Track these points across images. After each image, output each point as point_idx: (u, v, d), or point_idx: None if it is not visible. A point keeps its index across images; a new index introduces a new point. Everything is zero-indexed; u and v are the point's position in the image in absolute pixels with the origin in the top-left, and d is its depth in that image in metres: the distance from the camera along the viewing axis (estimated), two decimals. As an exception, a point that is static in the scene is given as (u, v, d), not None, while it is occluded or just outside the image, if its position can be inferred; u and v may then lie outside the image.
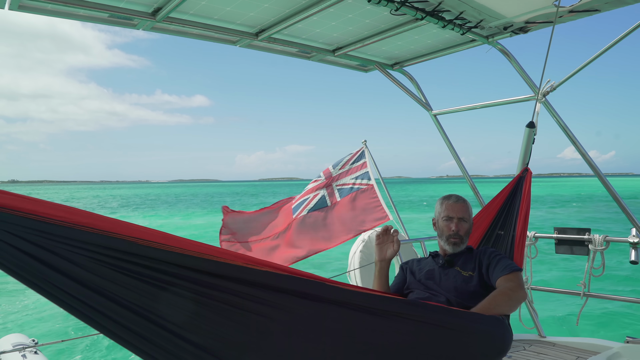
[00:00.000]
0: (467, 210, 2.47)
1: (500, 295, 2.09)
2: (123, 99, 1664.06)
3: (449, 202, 2.48)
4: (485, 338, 1.87)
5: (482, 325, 1.88)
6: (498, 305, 2.04)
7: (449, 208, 2.47)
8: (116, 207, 52.35)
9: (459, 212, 2.45)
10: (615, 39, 3.11)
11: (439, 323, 1.74)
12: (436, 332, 1.72)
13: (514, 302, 2.10)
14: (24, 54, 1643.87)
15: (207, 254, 1.39)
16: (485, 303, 2.04)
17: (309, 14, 3.02)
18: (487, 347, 1.87)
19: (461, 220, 2.44)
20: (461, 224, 2.44)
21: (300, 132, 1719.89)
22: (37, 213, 1.23)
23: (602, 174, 3.48)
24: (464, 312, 1.95)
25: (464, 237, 2.44)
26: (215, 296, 1.37)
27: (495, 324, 1.92)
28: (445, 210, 2.47)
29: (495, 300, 2.06)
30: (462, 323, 1.81)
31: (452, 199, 2.50)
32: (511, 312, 2.14)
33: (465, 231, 2.45)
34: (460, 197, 2.52)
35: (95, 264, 1.27)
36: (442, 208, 2.49)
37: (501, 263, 2.29)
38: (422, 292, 2.37)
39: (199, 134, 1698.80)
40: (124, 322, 1.31)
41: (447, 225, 2.45)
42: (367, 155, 5.25)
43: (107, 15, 2.88)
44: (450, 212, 2.45)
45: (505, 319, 2.15)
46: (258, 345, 1.43)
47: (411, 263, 2.60)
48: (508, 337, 1.98)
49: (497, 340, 1.90)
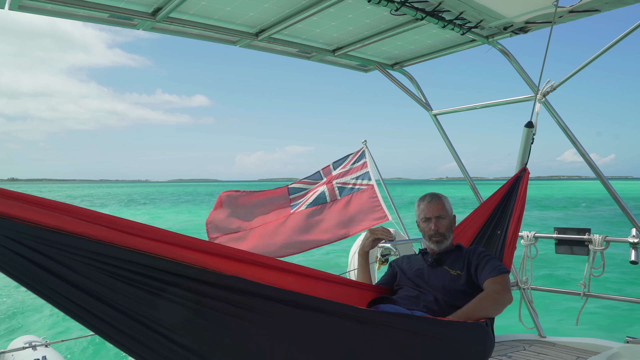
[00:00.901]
0: (443, 207, 2.52)
1: (487, 298, 2.14)
2: (123, 98, 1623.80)
3: (424, 203, 2.55)
4: (466, 345, 1.94)
5: (463, 333, 1.94)
6: (484, 308, 2.10)
7: (425, 209, 2.53)
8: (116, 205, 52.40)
9: (435, 211, 2.50)
10: (615, 39, 3.11)
11: (420, 332, 1.79)
12: (417, 340, 1.77)
13: (499, 305, 2.15)
14: (24, 53, 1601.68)
15: (198, 263, 1.44)
16: (472, 306, 2.10)
17: (309, 14, 3.03)
18: (468, 353, 1.95)
19: (439, 218, 2.50)
20: (439, 222, 2.49)
21: (300, 133, 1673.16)
22: (34, 222, 1.26)
23: (603, 175, 3.48)
24: (444, 320, 2.00)
25: (445, 234, 2.49)
26: (205, 302, 1.43)
27: (476, 330, 1.99)
28: (423, 212, 2.54)
29: (481, 303, 2.11)
30: (443, 331, 1.87)
31: (426, 199, 2.56)
32: (496, 314, 2.19)
33: (446, 227, 2.50)
34: (435, 194, 2.57)
35: (91, 269, 1.31)
36: (420, 210, 2.56)
37: (490, 264, 2.31)
38: (412, 289, 2.41)
39: (199, 133, 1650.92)
40: (117, 325, 1.36)
41: (427, 225, 2.51)
42: (367, 156, 5.26)
43: (107, 15, 2.88)
44: (427, 213, 2.52)
45: (489, 322, 2.19)
46: (244, 349, 1.49)
47: (401, 261, 2.65)
48: (488, 343, 2.05)
49: (477, 346, 1.98)
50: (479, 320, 2.06)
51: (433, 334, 1.82)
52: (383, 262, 4.50)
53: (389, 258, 4.50)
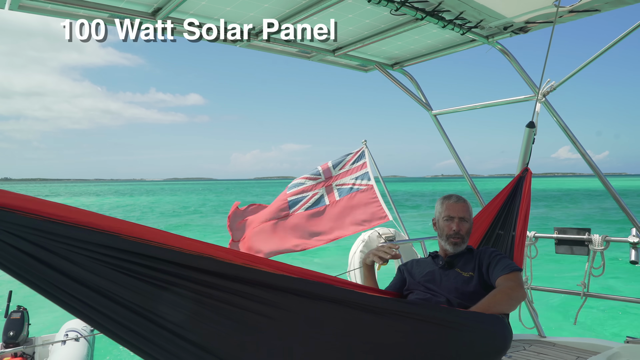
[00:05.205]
0: (467, 210, 2.47)
1: (500, 294, 2.09)
2: (117, 97, 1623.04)
3: (450, 202, 2.48)
4: (486, 337, 1.87)
5: (483, 324, 1.88)
6: (498, 303, 2.04)
7: (449, 208, 2.46)
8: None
9: (460, 211, 2.44)
10: (615, 39, 3.11)
11: (439, 322, 1.73)
12: (436, 330, 1.72)
13: (513, 301, 2.11)
14: (17, 52, 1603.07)
15: (206, 253, 1.39)
16: (485, 302, 2.05)
17: (309, 14, 3.02)
18: (487, 345, 1.87)
19: (462, 220, 2.44)
20: (462, 224, 2.43)
21: (296, 131, 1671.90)
22: (36, 212, 1.23)
23: (602, 173, 3.48)
24: (464, 311, 1.96)
25: (464, 237, 2.43)
26: (215, 295, 1.38)
27: (496, 323, 1.92)
28: (446, 210, 2.46)
29: (495, 299, 2.06)
30: (463, 322, 1.81)
31: (452, 199, 2.49)
32: (510, 311, 2.15)
33: (466, 231, 2.45)
34: (461, 197, 2.51)
35: (94, 263, 1.27)
36: (443, 208, 2.49)
37: (501, 263, 2.29)
38: (423, 293, 2.37)
39: (193, 132, 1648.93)
40: (124, 321, 1.31)
41: (448, 225, 2.44)
42: (367, 156, 5.26)
43: (107, 15, 2.88)
44: (451, 212, 2.45)
45: (505, 317, 2.15)
46: (257, 344, 1.44)
47: (410, 265, 2.60)
48: (508, 335, 1.99)
49: (498, 338, 1.91)
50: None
51: (452, 323, 1.76)
52: (383, 262, 4.50)
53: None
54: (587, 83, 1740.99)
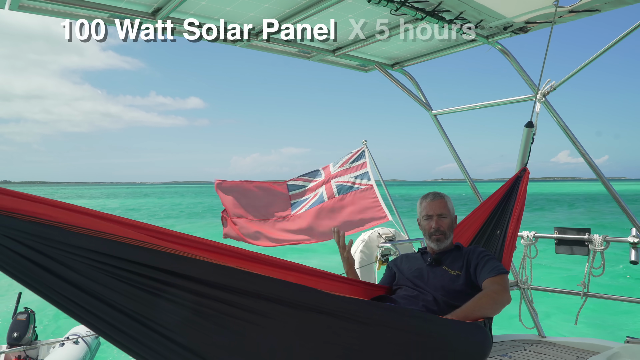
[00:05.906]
0: (445, 206, 2.52)
1: (485, 297, 2.14)
2: (117, 101, 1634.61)
3: (427, 201, 2.55)
4: (465, 345, 1.94)
5: (462, 333, 1.94)
6: (482, 307, 2.09)
7: (427, 206, 2.53)
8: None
9: (437, 209, 2.50)
10: (615, 39, 3.11)
11: (419, 330, 1.79)
12: (416, 339, 1.77)
13: (498, 305, 2.15)
14: (17, 55, 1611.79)
15: (200, 255, 1.44)
16: (470, 305, 2.09)
17: (309, 14, 3.02)
18: (466, 354, 1.95)
19: (440, 216, 2.50)
20: (441, 220, 2.49)
21: (296, 135, 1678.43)
22: (34, 215, 1.25)
23: (603, 174, 3.48)
24: (444, 319, 2.00)
25: (446, 232, 2.48)
26: (205, 303, 1.43)
27: (476, 333, 1.99)
28: (425, 209, 2.54)
29: (479, 303, 2.11)
30: (442, 332, 1.87)
31: (429, 197, 2.56)
32: (494, 314, 2.19)
33: (447, 226, 2.50)
34: (438, 193, 2.57)
35: (90, 269, 1.31)
36: (422, 207, 2.56)
37: (489, 264, 2.32)
38: (411, 289, 2.41)
39: (193, 135, 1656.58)
40: (117, 324, 1.36)
41: (428, 223, 2.51)
42: (367, 155, 5.26)
43: (107, 15, 2.88)
44: (429, 211, 2.52)
45: (487, 322, 2.19)
46: (242, 348, 1.49)
47: (399, 260, 2.65)
48: (487, 343, 2.05)
49: (475, 347, 1.98)
50: (477, 319, 2.06)
51: (431, 333, 1.82)
52: (383, 262, 4.50)
53: (388, 258, 4.50)
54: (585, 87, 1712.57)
